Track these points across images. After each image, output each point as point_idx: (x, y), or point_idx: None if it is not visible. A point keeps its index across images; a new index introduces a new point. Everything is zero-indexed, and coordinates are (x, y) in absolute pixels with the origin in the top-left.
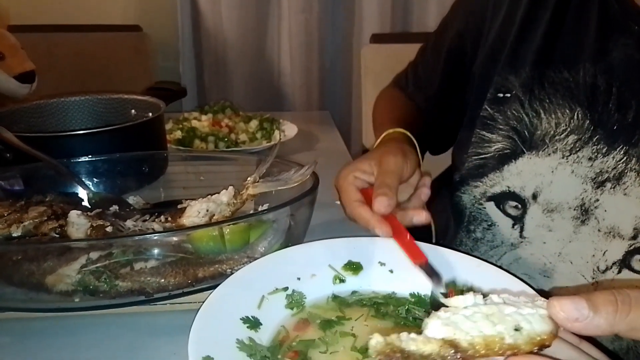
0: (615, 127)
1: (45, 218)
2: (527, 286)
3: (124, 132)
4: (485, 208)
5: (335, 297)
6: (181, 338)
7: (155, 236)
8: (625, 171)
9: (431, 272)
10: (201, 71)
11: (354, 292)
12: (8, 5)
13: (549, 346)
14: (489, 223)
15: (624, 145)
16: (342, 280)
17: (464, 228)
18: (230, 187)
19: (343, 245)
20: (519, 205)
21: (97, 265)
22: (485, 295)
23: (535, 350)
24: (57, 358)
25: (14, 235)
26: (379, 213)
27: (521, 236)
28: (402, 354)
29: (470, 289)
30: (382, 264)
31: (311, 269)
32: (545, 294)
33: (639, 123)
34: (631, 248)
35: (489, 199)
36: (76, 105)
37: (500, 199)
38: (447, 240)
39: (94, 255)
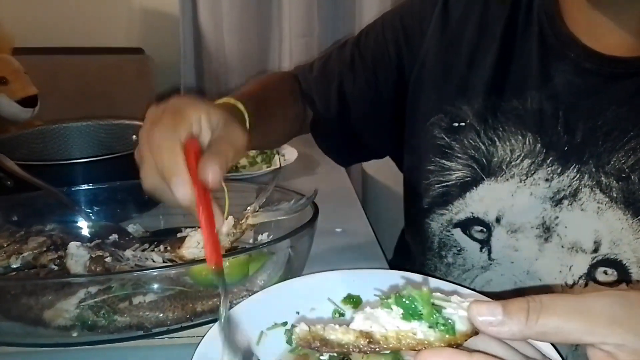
0: (566, 148)
1: (45, 249)
2: (460, 287)
3: (125, 160)
4: (453, 234)
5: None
6: None
7: (154, 272)
8: (580, 187)
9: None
10: (203, 94)
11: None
12: (12, 28)
13: (460, 345)
14: (458, 248)
15: (576, 164)
16: (341, 314)
17: (436, 254)
18: (230, 217)
19: (342, 278)
20: (484, 229)
21: (96, 299)
22: None
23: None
24: None
25: (13, 266)
26: (201, 178)
27: (489, 258)
28: (321, 341)
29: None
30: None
31: (311, 302)
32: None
33: (587, 142)
34: (594, 261)
35: (455, 225)
36: (78, 130)
37: (465, 225)
38: (417, 265)
39: (92, 288)
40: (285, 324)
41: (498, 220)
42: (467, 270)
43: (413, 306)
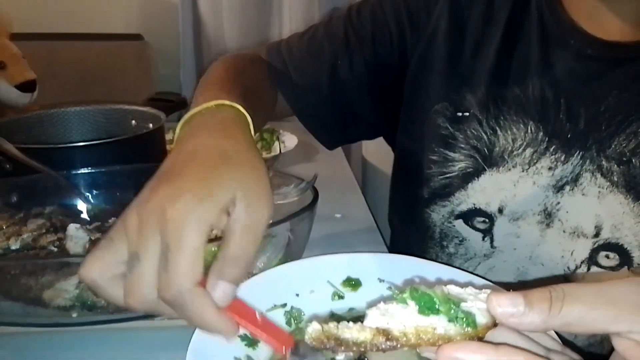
0: (569, 136)
1: (44, 231)
2: (475, 277)
3: (124, 144)
4: (454, 226)
5: (332, 315)
6: (180, 354)
7: None
8: (581, 172)
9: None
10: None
11: (351, 309)
12: (10, 13)
13: (482, 338)
14: (460, 239)
15: (580, 150)
16: (340, 297)
17: (437, 244)
18: None
19: (342, 261)
20: (486, 220)
21: None
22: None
23: None
24: None
25: (12, 248)
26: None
27: (492, 246)
28: (336, 340)
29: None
30: (381, 280)
31: (310, 285)
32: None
33: (591, 128)
34: (595, 245)
35: (457, 217)
36: (77, 115)
37: (468, 216)
38: (417, 253)
39: None
40: (284, 305)
41: (500, 210)
42: (469, 259)
43: (430, 300)
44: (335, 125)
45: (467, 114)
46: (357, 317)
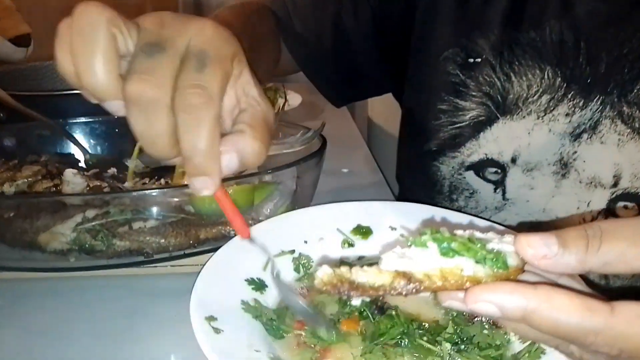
0: (588, 81)
1: (40, 177)
2: (495, 224)
3: None
4: (465, 177)
5: (342, 263)
6: (182, 301)
7: (154, 192)
8: (600, 119)
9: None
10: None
11: (361, 257)
12: None
13: (512, 281)
14: (471, 191)
15: (600, 95)
16: (350, 245)
17: (446, 197)
18: None
19: (352, 209)
20: (499, 170)
21: (94, 223)
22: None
23: None
24: (52, 320)
25: (7, 194)
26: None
27: (504, 198)
28: (350, 285)
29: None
30: (393, 228)
31: (319, 232)
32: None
33: (612, 72)
34: (613, 196)
35: (468, 168)
36: None
37: (479, 167)
38: None
39: (90, 213)
40: (292, 252)
41: (514, 160)
42: (479, 212)
43: (453, 242)
44: (340, 79)
45: (479, 59)
46: (370, 265)
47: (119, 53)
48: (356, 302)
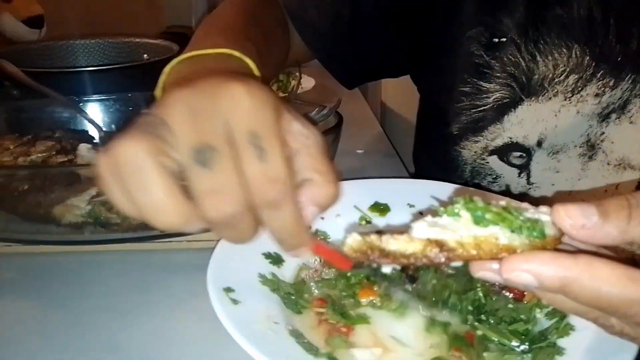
0: (619, 59)
1: (54, 152)
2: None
3: (136, 71)
4: (488, 162)
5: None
6: (198, 276)
7: None
8: (630, 99)
9: None
10: None
11: (379, 231)
12: None
13: (549, 250)
14: (494, 176)
15: (632, 74)
16: (368, 222)
17: (469, 182)
18: None
19: (370, 186)
20: (524, 154)
21: None
22: None
23: None
24: (66, 295)
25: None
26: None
27: (529, 182)
28: (381, 252)
29: None
30: (411, 205)
31: (335, 208)
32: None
33: None
34: None
35: (491, 152)
36: (86, 48)
37: (503, 152)
38: None
39: None
40: (309, 228)
41: (539, 143)
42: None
43: (488, 210)
44: (356, 62)
45: (505, 39)
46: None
47: (173, 175)
48: (386, 269)
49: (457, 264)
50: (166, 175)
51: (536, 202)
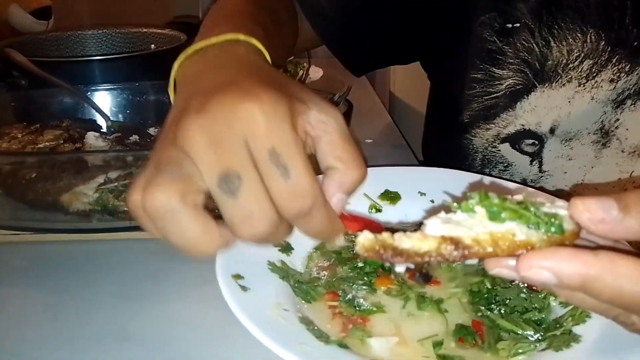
0: (635, 43)
1: (62, 141)
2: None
3: (143, 61)
4: (500, 150)
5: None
6: (207, 264)
7: None
8: None
9: None
10: None
11: (387, 223)
12: None
13: (568, 246)
14: (505, 164)
15: None
16: (378, 210)
17: (478, 170)
18: None
19: (379, 174)
20: (536, 142)
21: (116, 184)
22: None
23: None
24: (75, 282)
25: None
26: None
27: (540, 171)
28: (394, 251)
29: None
30: (422, 194)
31: None
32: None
33: None
34: None
35: (503, 140)
36: (94, 38)
37: (515, 139)
38: None
39: (112, 174)
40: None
41: (552, 130)
42: None
43: (505, 206)
44: (365, 48)
45: (518, 24)
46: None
47: (205, 204)
48: (400, 268)
49: (473, 261)
50: (198, 213)
51: (550, 192)
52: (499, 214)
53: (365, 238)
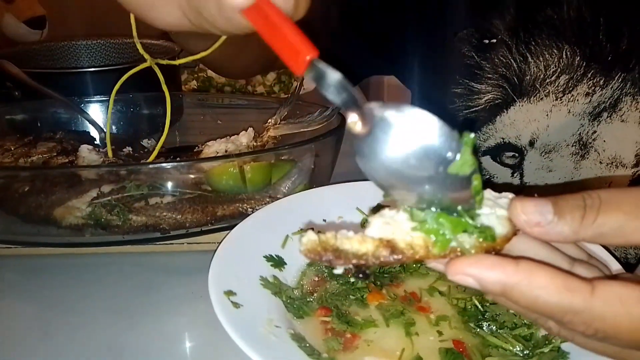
0: (609, 58)
1: (55, 154)
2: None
3: (138, 72)
4: (481, 163)
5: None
6: (199, 278)
7: (170, 166)
8: (621, 97)
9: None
10: None
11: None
12: None
13: (500, 250)
14: (487, 176)
15: (622, 72)
16: None
17: None
18: (250, 129)
19: (372, 188)
20: (516, 154)
21: (109, 198)
22: None
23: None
24: (67, 296)
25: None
26: None
27: (522, 182)
28: (334, 252)
29: None
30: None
31: (338, 210)
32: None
33: (634, 49)
34: (636, 176)
35: (484, 153)
36: (88, 48)
37: (496, 152)
38: None
39: (105, 188)
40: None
41: (532, 143)
42: None
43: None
44: (347, 61)
45: (495, 40)
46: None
47: None
48: (339, 270)
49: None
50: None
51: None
52: (433, 225)
53: (307, 240)
